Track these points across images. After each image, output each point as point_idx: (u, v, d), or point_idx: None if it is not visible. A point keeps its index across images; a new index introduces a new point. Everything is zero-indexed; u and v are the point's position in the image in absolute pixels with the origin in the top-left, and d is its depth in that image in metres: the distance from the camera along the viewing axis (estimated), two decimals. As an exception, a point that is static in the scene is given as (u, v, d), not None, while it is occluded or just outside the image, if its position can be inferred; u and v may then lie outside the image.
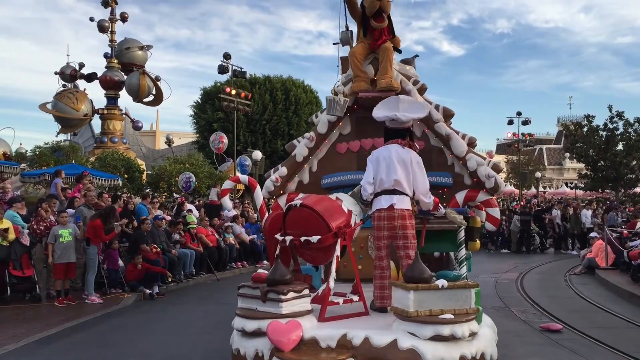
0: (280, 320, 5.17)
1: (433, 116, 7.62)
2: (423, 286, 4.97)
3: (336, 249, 5.62)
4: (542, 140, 75.45)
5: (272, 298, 5.35)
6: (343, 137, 8.18)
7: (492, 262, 17.46)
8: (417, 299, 4.93)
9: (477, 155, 7.55)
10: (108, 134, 29.71)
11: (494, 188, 7.40)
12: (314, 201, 5.83)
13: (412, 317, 4.91)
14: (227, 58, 25.19)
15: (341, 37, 8.44)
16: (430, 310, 4.94)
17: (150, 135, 58.65)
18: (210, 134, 34.38)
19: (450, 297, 5.02)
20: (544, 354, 7.04)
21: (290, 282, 5.46)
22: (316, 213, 5.64)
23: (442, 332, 4.80)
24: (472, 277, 9.95)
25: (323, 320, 5.45)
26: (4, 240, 10.19)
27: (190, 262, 13.64)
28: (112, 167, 22.91)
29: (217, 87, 36.00)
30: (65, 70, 29.74)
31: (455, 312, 4.94)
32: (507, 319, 9.07)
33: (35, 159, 23.43)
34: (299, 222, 5.79)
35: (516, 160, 51.20)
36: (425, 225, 6.41)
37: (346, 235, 5.67)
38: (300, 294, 5.39)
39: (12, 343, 7.56)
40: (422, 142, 7.77)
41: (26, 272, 10.60)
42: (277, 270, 5.45)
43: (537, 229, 21.94)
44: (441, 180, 7.70)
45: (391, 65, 7.52)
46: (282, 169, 8.17)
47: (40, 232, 11.16)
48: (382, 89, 7.43)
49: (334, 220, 5.64)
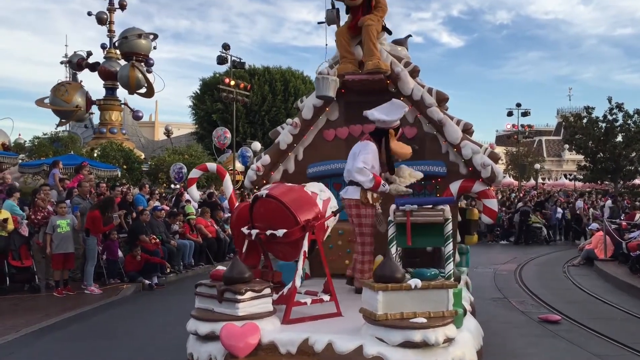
0: (236, 323, 4.67)
1: (425, 100, 7.19)
2: (393, 286, 4.46)
3: (304, 244, 5.15)
4: (542, 132, 75.40)
5: (228, 298, 4.84)
6: (330, 124, 7.73)
7: (491, 254, 17.48)
8: (387, 301, 4.43)
9: (472, 143, 7.06)
10: (107, 125, 29.63)
11: (490, 178, 6.90)
12: (281, 191, 5.38)
13: (381, 320, 4.39)
14: (226, 49, 25.10)
15: (326, 16, 7.79)
16: (401, 313, 4.44)
17: (149, 126, 58.51)
18: (210, 125, 34.36)
19: (425, 298, 4.51)
20: (543, 344, 7.06)
21: (250, 280, 4.94)
22: (283, 204, 5.18)
23: (412, 338, 4.28)
24: (471, 269, 9.98)
25: (287, 322, 4.97)
26: (2, 231, 10.18)
27: (189, 253, 13.65)
28: (111, 158, 22.87)
29: (216, 78, 35.94)
30: (73, 59, 29.66)
31: (430, 315, 4.45)
32: (505, 310, 9.09)
33: (34, 149, 23.40)
34: (265, 214, 5.35)
35: (515, 151, 51.19)
36: (409, 218, 5.83)
37: (315, 229, 5.18)
38: (259, 294, 4.87)
39: (11, 333, 7.57)
40: (415, 128, 7.40)
41: (25, 262, 10.61)
42: (235, 268, 4.92)
43: (542, 220, 21.89)
44: (434, 170, 7.24)
45: (375, 45, 7.04)
46: (265, 157, 7.76)
47: (37, 221, 11.15)
48: (370, 71, 7.02)
49: (302, 212, 5.19)
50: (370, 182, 5.91)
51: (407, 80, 7.26)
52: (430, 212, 5.79)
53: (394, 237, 5.86)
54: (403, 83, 7.26)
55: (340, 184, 7.51)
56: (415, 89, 7.26)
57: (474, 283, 9.57)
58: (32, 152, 23.33)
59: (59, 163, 15.08)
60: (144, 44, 29.06)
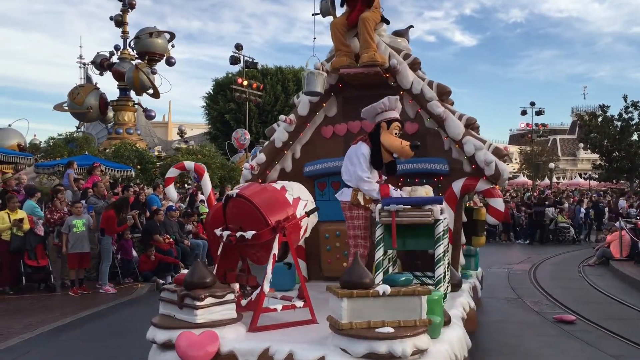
0: (194, 331, 4.44)
1: (425, 94, 6.88)
2: (359, 293, 4.14)
3: (274, 247, 4.93)
4: (556, 131, 74.78)
5: (188, 304, 4.61)
6: (329, 120, 7.47)
7: (504, 254, 17.37)
8: (352, 308, 4.12)
9: (475, 138, 6.73)
10: (120, 125, 29.79)
11: (494, 176, 6.56)
12: (253, 191, 5.16)
13: (345, 329, 4.10)
14: (238, 49, 25.20)
15: (320, 7, 7.43)
16: (368, 321, 4.13)
17: (163, 127, 58.88)
18: (222, 125, 34.44)
19: (395, 306, 4.18)
20: (558, 345, 7.00)
21: (212, 285, 4.69)
22: (252, 205, 4.98)
23: (377, 349, 3.97)
24: (484, 269, 9.93)
25: (254, 330, 4.75)
26: (18, 231, 10.28)
27: (202, 252, 13.69)
28: (125, 158, 22.99)
29: (229, 78, 36.04)
30: (96, 60, 29.86)
31: (400, 324, 4.13)
32: (520, 310, 9.02)
33: (49, 150, 23.59)
34: (238, 214, 5.15)
35: (529, 150, 50.84)
36: (394, 219, 5.52)
37: (286, 230, 4.95)
38: (221, 300, 4.61)
39: (27, 332, 7.64)
40: (416, 124, 7.11)
41: (41, 262, 10.70)
42: (196, 272, 4.68)
43: (568, 220, 21.64)
44: (435, 167, 6.96)
45: (372, 37, 6.77)
46: (260, 155, 7.57)
47: (53, 221, 11.25)
48: (365, 64, 6.74)
49: (272, 213, 4.95)
50: (377, 194, 5.77)
51: (406, 73, 6.96)
52: (417, 213, 5.49)
53: (381, 238, 5.64)
54: (402, 76, 6.97)
55: (339, 183, 7.29)
56: (415, 82, 6.96)
57: (488, 283, 9.53)
58: (48, 152, 23.52)
59: (73, 163, 15.21)
60: (160, 43, 29.01)
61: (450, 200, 6.87)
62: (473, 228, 7.67)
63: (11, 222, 10.21)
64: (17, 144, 23.35)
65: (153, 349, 4.71)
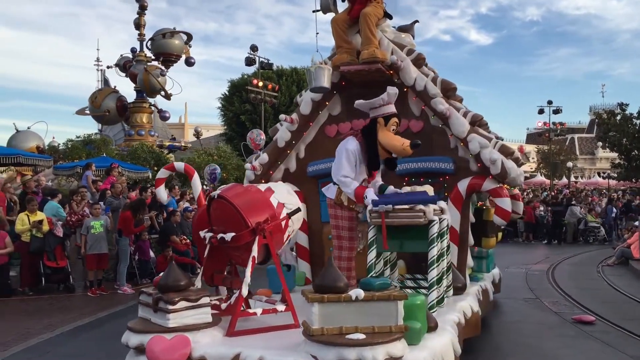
0: (166, 335, 4.36)
1: (429, 91, 6.68)
2: (331, 297, 3.99)
3: (253, 249, 4.83)
4: (574, 130, 74.00)
5: (161, 308, 4.53)
6: (333, 119, 7.29)
7: (522, 254, 17.24)
8: (324, 314, 3.99)
9: (480, 136, 6.51)
10: (137, 127, 30.04)
11: (501, 174, 6.35)
12: (234, 193, 5.09)
13: (316, 335, 3.97)
14: (254, 50, 25.27)
15: (321, 3, 7.24)
16: (340, 327, 3.98)
17: (179, 128, 59.21)
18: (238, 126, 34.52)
19: (369, 311, 4.02)
20: (576, 346, 6.93)
21: (186, 288, 4.61)
22: (233, 206, 4.90)
23: (347, 357, 3.84)
24: (502, 269, 9.86)
25: (231, 334, 4.66)
26: (38, 232, 10.40)
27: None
28: (141, 160, 23.17)
29: (245, 79, 36.16)
30: (120, 62, 30.18)
31: (375, 330, 3.98)
32: (538, 311, 8.95)
33: (67, 152, 23.85)
34: (220, 216, 5.08)
35: (547, 150, 50.38)
36: (383, 219, 5.27)
37: (265, 232, 4.84)
38: (195, 304, 4.53)
39: (47, 332, 7.73)
40: (421, 122, 6.94)
41: (60, 263, 10.82)
42: (171, 275, 4.62)
43: (598, 220, 21.33)
44: (440, 166, 6.75)
45: (373, 32, 6.60)
46: (263, 155, 7.43)
47: (72, 223, 11.38)
48: (365, 61, 6.58)
49: (253, 214, 4.85)
50: (352, 196, 5.50)
51: (409, 69, 6.77)
52: (408, 214, 5.26)
53: (374, 240, 5.46)
54: (404, 73, 6.80)
55: None
56: (419, 79, 6.78)
57: (505, 283, 9.46)
58: (66, 154, 23.78)
59: (92, 165, 15.36)
60: (177, 44, 29.10)
61: (456, 200, 6.69)
62: (483, 229, 7.45)
63: (30, 224, 10.34)
64: (36, 146, 23.63)
65: (130, 353, 4.65)
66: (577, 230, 20.97)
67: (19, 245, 10.52)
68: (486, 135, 6.73)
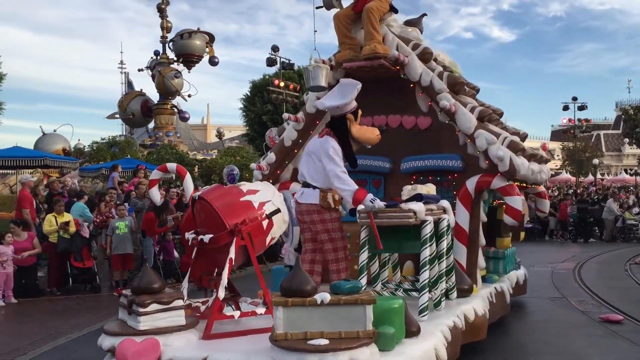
0: (136, 338, 4.30)
1: (435, 86, 6.50)
2: (295, 301, 3.88)
3: (231, 250, 4.78)
4: (600, 126, 72.77)
5: (134, 310, 4.50)
6: None
7: (548, 252, 17.03)
8: (288, 318, 3.88)
9: (488, 132, 6.32)
10: (160, 129, 30.36)
11: (509, 172, 6.16)
12: (215, 194, 5.06)
13: (279, 340, 3.87)
14: (275, 50, 25.31)
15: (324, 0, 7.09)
16: (305, 332, 3.85)
17: (202, 129, 59.66)
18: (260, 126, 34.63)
19: (336, 316, 3.89)
20: (604, 345, 6.82)
21: (160, 291, 4.55)
22: (212, 207, 4.87)
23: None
24: (527, 267, 9.74)
25: (207, 337, 4.62)
26: (65, 233, 10.57)
27: (242, 253, 13.81)
28: (165, 161, 23.41)
29: (266, 79, 36.22)
30: (151, 65, 30.64)
31: (341, 335, 3.84)
32: (565, 310, 8.83)
33: (92, 154, 24.20)
34: (202, 217, 5.06)
35: (572, 147, 49.68)
36: (372, 220, 5.11)
37: (243, 234, 4.79)
38: (167, 306, 4.46)
39: (74, 331, 7.85)
40: (429, 118, 6.80)
41: (87, 263, 10.98)
42: (144, 277, 4.59)
43: (636, 217, 20.77)
44: (448, 164, 6.58)
45: (376, 27, 6.44)
46: (270, 155, 7.35)
47: (97, 224, 11.54)
48: (367, 57, 6.43)
49: (231, 216, 4.80)
50: (350, 196, 5.10)
51: (414, 64, 6.61)
52: (398, 214, 5.12)
53: (366, 241, 5.34)
54: (410, 68, 6.66)
55: None
56: (424, 74, 6.61)
57: (530, 282, 9.35)
58: (91, 156, 24.14)
59: (118, 167, 15.56)
60: (198, 44, 29.33)
61: (464, 199, 6.51)
62: (496, 228, 7.25)
63: (58, 225, 10.52)
64: (62, 148, 24.09)
65: (107, 356, 4.64)
66: (615, 228, 20.46)
67: (47, 246, 10.70)
68: (495, 131, 6.54)
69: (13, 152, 16.93)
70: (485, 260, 7.09)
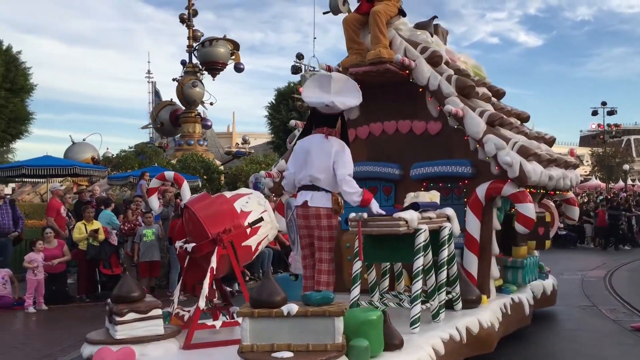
0: (112, 347, 4.30)
1: (443, 90, 6.36)
2: (261, 312, 3.82)
3: (212, 260, 4.77)
4: (630, 131, 71.44)
5: (112, 319, 4.52)
6: (351, 123, 6.99)
7: (577, 260, 16.73)
8: (254, 329, 3.81)
9: (497, 137, 6.12)
10: (187, 137, 30.71)
11: (519, 177, 5.94)
12: (201, 203, 5.07)
13: (245, 352, 3.79)
14: (299, 58, 25.48)
15: (330, 4, 7.04)
16: (272, 344, 3.78)
17: (227, 137, 60.10)
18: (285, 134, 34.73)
19: (304, 328, 3.80)
20: (636, 354, 6.67)
21: (139, 299, 4.53)
22: (195, 215, 4.86)
23: None
24: (556, 275, 9.58)
25: (187, 347, 4.60)
26: (94, 241, 10.73)
27: (268, 260, 13.84)
28: (191, 169, 23.64)
29: (291, 87, 36.45)
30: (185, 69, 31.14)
31: (309, 348, 3.75)
32: (595, 319, 8.66)
33: (120, 162, 24.57)
34: (189, 226, 5.07)
35: (602, 152, 48.85)
36: (360, 229, 5.00)
37: (224, 243, 4.77)
38: (144, 315, 4.45)
39: (103, 338, 7.94)
40: (439, 123, 6.63)
41: (115, 270, 11.11)
42: (124, 285, 4.56)
43: None
44: (457, 170, 6.39)
45: (382, 31, 6.32)
46: (281, 162, 7.30)
47: (125, 231, 11.69)
48: (371, 62, 6.30)
49: (214, 225, 4.79)
50: (358, 197, 5.05)
51: (421, 68, 6.47)
52: (387, 222, 4.99)
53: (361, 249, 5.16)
54: (417, 72, 6.53)
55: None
56: (432, 78, 6.47)
57: (560, 290, 9.19)
58: (119, 165, 24.51)
59: (146, 174, 15.72)
60: (222, 52, 29.60)
61: (475, 206, 6.32)
62: (512, 237, 6.94)
63: (87, 233, 10.68)
64: (91, 157, 24.52)
65: None
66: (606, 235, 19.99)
67: (77, 253, 10.87)
68: (505, 135, 6.38)
69: (44, 161, 17.30)
70: (503, 269, 6.89)
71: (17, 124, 28.96)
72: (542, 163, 6.66)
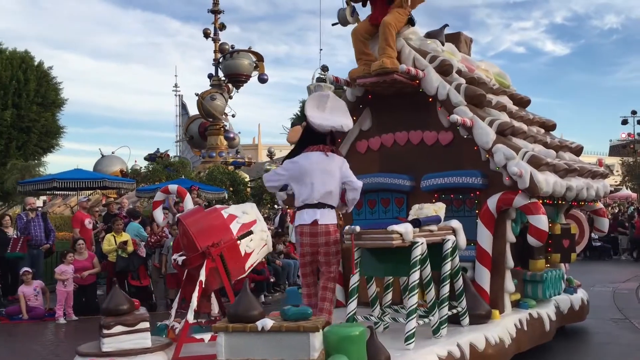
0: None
1: (452, 99, 6.25)
2: (236, 327, 3.82)
3: (201, 273, 4.80)
4: (661, 140, 70.03)
5: (100, 332, 4.52)
6: (363, 134, 6.95)
7: (608, 272, 16.40)
8: (230, 344, 3.81)
9: (507, 147, 5.97)
10: (213, 149, 31.01)
11: (530, 188, 5.78)
12: (193, 216, 5.12)
13: None
14: (324, 70, 25.57)
15: (338, 16, 6.93)
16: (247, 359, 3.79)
17: (253, 149, 60.56)
18: (310, 145, 34.95)
19: (280, 343, 3.78)
20: (671, 370, 6.53)
21: (128, 312, 4.52)
22: (186, 229, 4.91)
23: None
24: (587, 288, 9.42)
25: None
26: (123, 252, 10.88)
27: (293, 272, 13.88)
28: (218, 181, 23.85)
29: (316, 99, 36.51)
30: None
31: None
32: (627, 332, 8.48)
33: (148, 175, 24.91)
34: (183, 239, 5.14)
35: (632, 162, 47.93)
36: (353, 243, 5.02)
37: (213, 256, 4.79)
38: (132, 328, 4.42)
39: (132, 349, 8.03)
40: (450, 133, 6.48)
41: (143, 282, 11.24)
42: (113, 298, 4.55)
43: None
44: (468, 181, 6.24)
45: (389, 42, 6.23)
46: None
47: (152, 244, 11.82)
48: (377, 73, 6.24)
49: (203, 238, 4.83)
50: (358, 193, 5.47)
51: (429, 77, 6.36)
52: (381, 235, 4.93)
53: (358, 263, 5.16)
54: (426, 81, 6.41)
55: (375, 201, 6.85)
56: (441, 87, 6.34)
57: (591, 303, 9.03)
58: (147, 177, 24.85)
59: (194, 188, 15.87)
60: (246, 64, 29.87)
61: (486, 218, 6.16)
62: (529, 250, 6.67)
63: (117, 245, 10.84)
64: (120, 170, 24.91)
65: None
66: None
67: (106, 265, 11.04)
68: (516, 145, 6.23)
69: (74, 174, 17.66)
70: (521, 283, 6.70)
71: (48, 138, 29.67)
72: (559, 173, 6.49)
